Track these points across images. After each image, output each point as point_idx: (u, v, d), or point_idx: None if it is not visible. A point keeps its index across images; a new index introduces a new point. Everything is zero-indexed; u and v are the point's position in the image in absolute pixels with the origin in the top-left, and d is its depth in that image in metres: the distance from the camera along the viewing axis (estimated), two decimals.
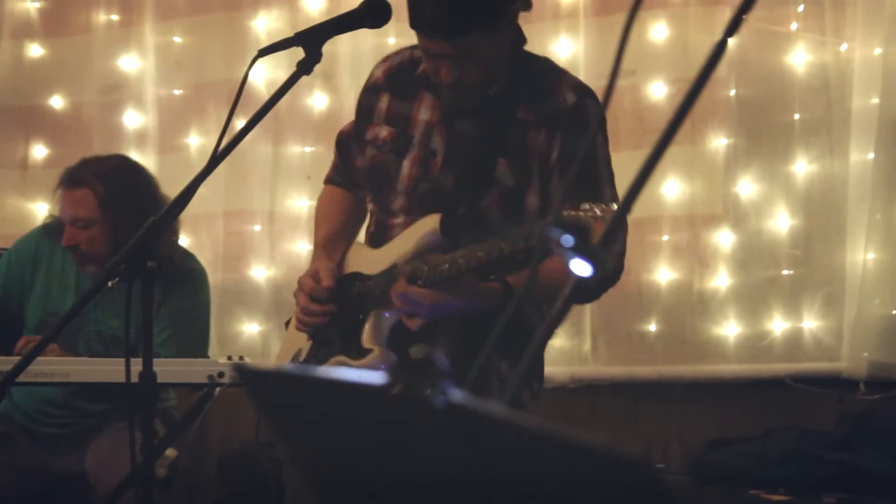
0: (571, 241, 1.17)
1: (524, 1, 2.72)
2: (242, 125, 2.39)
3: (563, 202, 2.69)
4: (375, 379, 1.13)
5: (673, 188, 4.35)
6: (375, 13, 2.55)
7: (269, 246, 4.78)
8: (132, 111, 4.94)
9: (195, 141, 4.86)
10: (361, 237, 3.08)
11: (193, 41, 4.93)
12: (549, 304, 2.78)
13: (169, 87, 4.93)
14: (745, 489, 3.78)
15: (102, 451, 3.63)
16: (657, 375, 4.35)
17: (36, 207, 4.94)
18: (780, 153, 4.27)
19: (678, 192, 4.35)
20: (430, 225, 2.75)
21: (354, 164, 3.02)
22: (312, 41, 2.45)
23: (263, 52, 2.42)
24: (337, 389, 1.22)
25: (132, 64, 4.96)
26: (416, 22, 2.66)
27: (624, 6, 1.31)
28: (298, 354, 2.97)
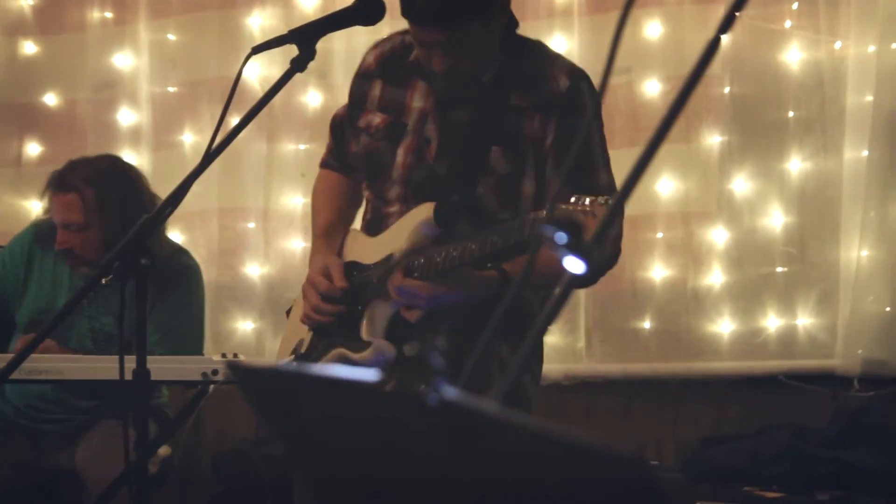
0: (565, 238, 1.17)
1: None
2: (236, 122, 2.39)
3: (559, 192, 2.70)
4: (369, 376, 1.12)
5: (667, 185, 4.35)
6: (369, 10, 2.55)
7: (263, 243, 4.77)
8: (126, 108, 4.93)
9: (189, 138, 4.85)
10: (357, 223, 3.08)
11: (187, 38, 4.92)
12: (547, 288, 2.78)
13: (163, 84, 4.92)
14: (739, 486, 3.78)
15: (93, 447, 3.63)
16: (651, 373, 4.35)
17: (30, 205, 4.93)
18: (774, 151, 4.27)
19: (672, 189, 4.35)
20: (424, 214, 2.75)
21: (349, 148, 3.01)
22: (306, 38, 2.45)
23: (257, 49, 2.42)
24: (330, 387, 1.22)
25: (126, 61, 4.95)
26: (407, 11, 2.65)
27: (618, 4, 1.31)
28: (300, 346, 2.97)
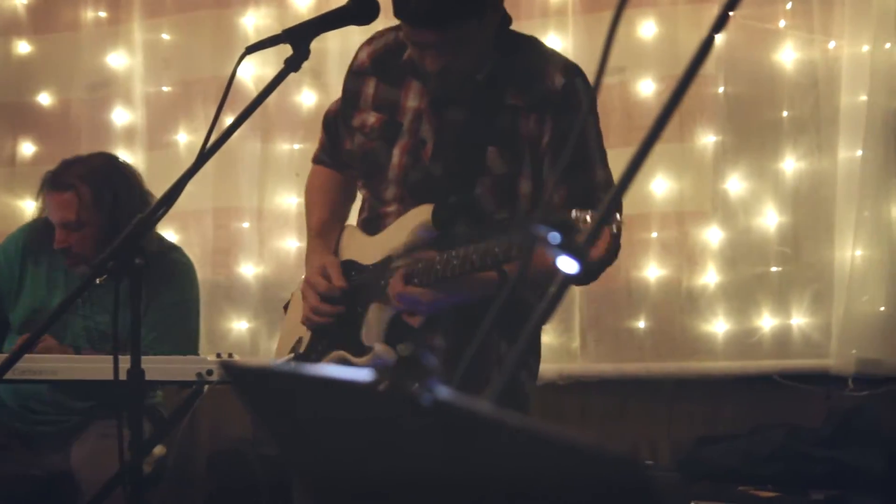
0: (558, 238, 1.17)
1: None
2: (231, 122, 2.39)
3: (554, 189, 2.70)
4: (362, 376, 1.12)
5: (661, 185, 4.35)
6: (363, 10, 2.55)
7: (257, 243, 4.77)
8: (120, 108, 4.93)
9: (183, 138, 4.85)
10: (353, 219, 3.07)
11: (181, 38, 4.92)
12: (545, 287, 2.78)
13: (157, 84, 4.92)
14: (733, 486, 3.78)
15: (88, 448, 3.62)
16: (646, 372, 4.35)
17: (24, 205, 4.93)
18: (768, 150, 4.27)
19: (666, 189, 4.35)
20: (422, 216, 2.75)
21: (343, 145, 3.00)
22: (300, 38, 2.45)
23: (251, 49, 2.42)
24: (324, 387, 1.22)
25: (120, 61, 4.94)
26: (400, 11, 2.64)
27: (612, 3, 1.31)
28: (299, 344, 2.97)
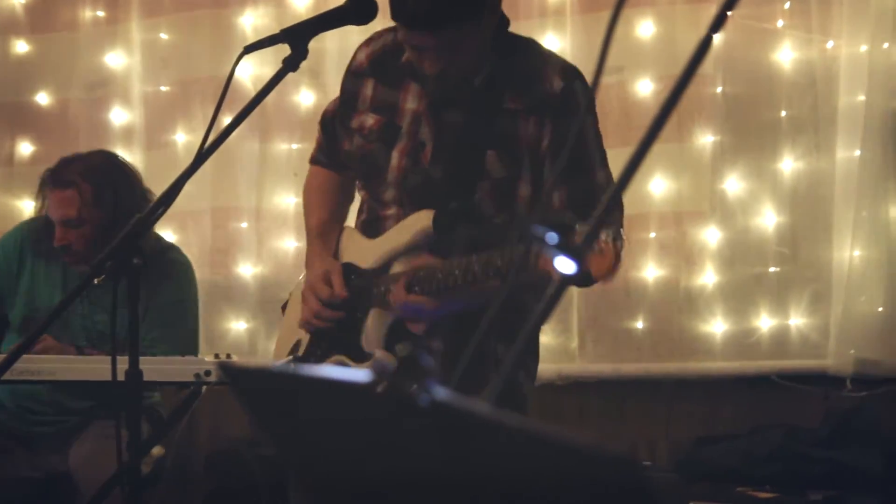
0: (556, 238, 1.17)
1: None
2: (229, 122, 2.39)
3: (555, 190, 2.69)
4: (361, 377, 1.12)
5: (659, 185, 4.35)
6: (361, 10, 2.55)
7: (256, 243, 4.77)
8: (118, 108, 4.93)
9: (182, 138, 4.85)
10: (351, 220, 3.07)
11: (180, 38, 4.92)
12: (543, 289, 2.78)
13: (155, 83, 4.92)
14: (732, 486, 3.78)
15: (86, 449, 3.62)
16: (644, 373, 4.35)
17: (22, 204, 4.93)
18: (766, 150, 4.27)
19: (665, 189, 4.35)
20: (423, 222, 2.75)
21: (341, 146, 2.99)
22: (299, 38, 2.45)
23: (249, 48, 2.42)
24: (322, 388, 1.22)
25: (118, 60, 4.95)
26: (397, 14, 2.63)
27: (610, 3, 1.31)
28: (297, 347, 2.97)
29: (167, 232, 4.50)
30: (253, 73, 4.65)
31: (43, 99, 5.04)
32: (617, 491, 0.99)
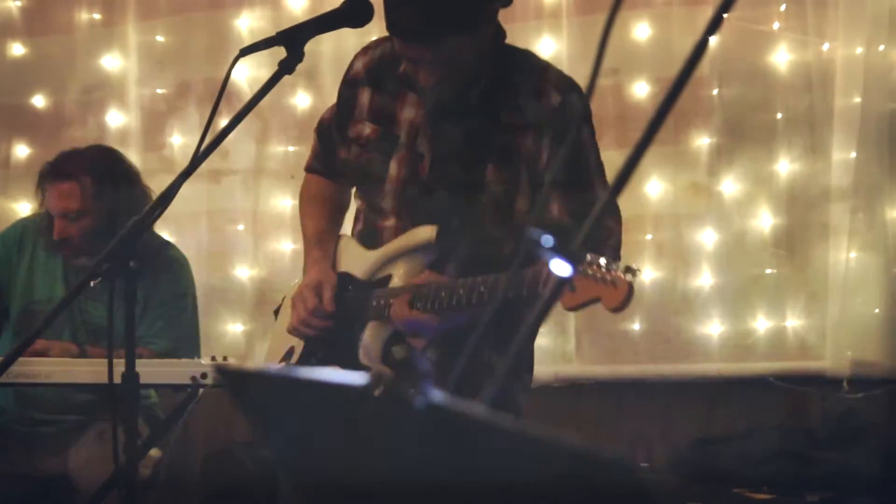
0: (551, 241, 1.17)
1: None
2: (225, 124, 2.39)
3: (553, 201, 2.69)
4: (357, 380, 1.12)
5: (656, 187, 4.35)
6: (358, 12, 2.54)
7: (252, 245, 4.77)
8: (115, 110, 4.93)
9: (178, 140, 4.85)
10: (347, 228, 3.07)
11: (176, 40, 4.92)
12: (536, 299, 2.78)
13: (151, 86, 4.92)
14: (729, 488, 3.78)
15: (86, 451, 3.62)
16: (641, 374, 4.36)
17: (18, 207, 4.92)
18: (762, 152, 4.27)
19: (661, 191, 4.35)
20: (424, 236, 2.74)
21: (338, 154, 2.98)
22: (295, 40, 2.44)
23: (245, 51, 2.41)
24: (318, 390, 1.22)
25: (114, 63, 4.94)
26: (393, 27, 2.63)
27: (606, 5, 1.30)
28: (290, 354, 2.96)
29: (164, 234, 4.49)
30: (249, 75, 4.65)
31: (39, 101, 5.04)
32: (614, 493, 0.99)
